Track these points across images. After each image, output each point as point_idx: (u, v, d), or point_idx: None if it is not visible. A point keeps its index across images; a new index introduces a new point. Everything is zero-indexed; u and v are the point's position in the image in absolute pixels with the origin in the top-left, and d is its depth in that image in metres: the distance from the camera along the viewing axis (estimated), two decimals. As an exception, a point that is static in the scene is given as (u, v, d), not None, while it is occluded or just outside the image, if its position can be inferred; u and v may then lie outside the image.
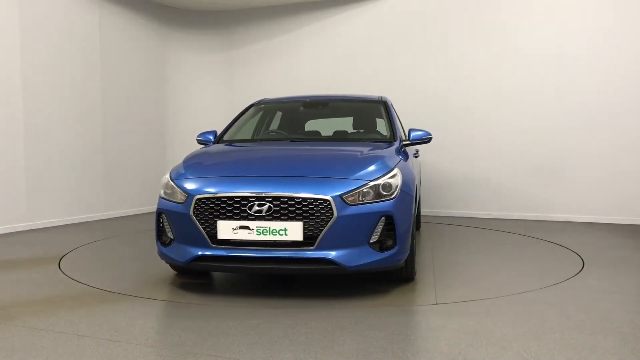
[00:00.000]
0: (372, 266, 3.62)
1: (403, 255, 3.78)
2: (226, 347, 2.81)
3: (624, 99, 7.09)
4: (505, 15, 7.72)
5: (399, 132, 4.76)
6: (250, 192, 3.58)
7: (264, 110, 5.59)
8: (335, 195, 3.54)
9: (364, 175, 3.70)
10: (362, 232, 3.57)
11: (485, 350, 2.73)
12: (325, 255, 3.53)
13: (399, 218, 3.67)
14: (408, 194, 3.85)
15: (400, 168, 3.93)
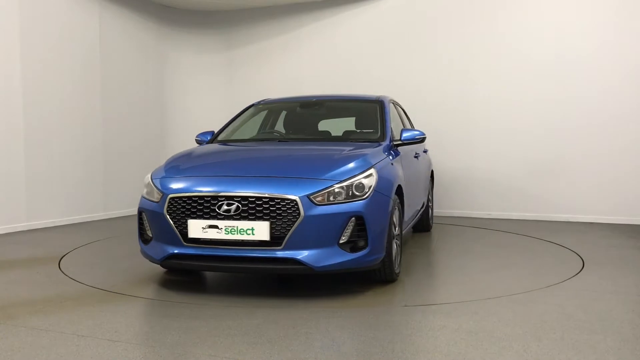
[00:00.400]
0: (341, 267, 3.61)
1: (376, 256, 3.76)
2: (226, 347, 2.81)
3: (624, 100, 7.09)
4: (506, 15, 7.71)
5: (389, 132, 4.68)
6: (218, 192, 3.63)
7: (262, 110, 5.61)
8: (302, 195, 3.54)
9: (334, 175, 3.70)
10: (331, 233, 3.56)
11: (485, 350, 2.73)
12: (293, 255, 3.54)
13: (371, 219, 3.65)
14: (384, 194, 3.84)
15: (379, 168, 3.90)
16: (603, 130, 7.18)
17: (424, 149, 6.29)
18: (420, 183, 5.71)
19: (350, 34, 8.64)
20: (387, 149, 4.42)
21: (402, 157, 4.72)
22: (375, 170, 3.84)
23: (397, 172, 4.27)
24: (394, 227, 4.02)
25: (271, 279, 4.29)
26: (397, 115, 5.65)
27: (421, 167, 5.81)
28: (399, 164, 4.47)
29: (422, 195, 5.88)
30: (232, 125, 5.35)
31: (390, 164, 4.24)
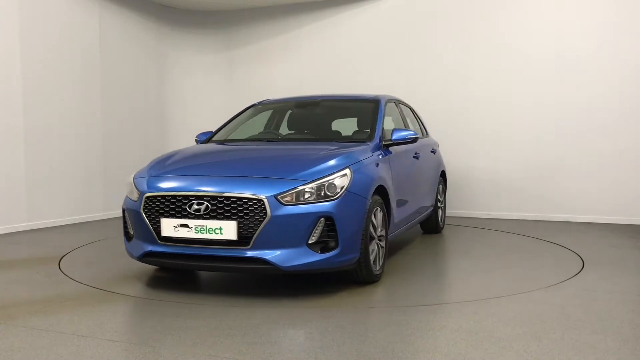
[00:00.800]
0: (311, 267, 3.62)
1: (349, 257, 3.75)
2: (226, 347, 2.81)
3: (624, 100, 7.09)
4: (506, 14, 7.71)
5: (378, 132, 4.63)
6: (187, 191, 3.71)
7: (262, 111, 5.65)
8: (269, 195, 3.56)
9: (305, 175, 3.70)
10: (299, 233, 3.56)
11: (485, 350, 2.73)
12: (260, 255, 3.56)
13: (342, 219, 3.65)
14: (359, 195, 3.81)
15: (355, 169, 3.89)
16: (603, 131, 7.18)
17: (432, 149, 6.20)
18: (423, 183, 5.62)
19: (350, 34, 8.64)
20: (375, 148, 4.42)
21: (394, 157, 4.69)
22: (351, 170, 3.84)
23: (380, 172, 4.22)
24: (373, 228, 4.00)
25: (271, 279, 4.29)
26: (400, 114, 5.61)
27: (424, 168, 5.72)
28: (386, 164, 4.44)
29: (425, 196, 5.75)
30: (229, 126, 5.40)
31: (375, 164, 4.22)
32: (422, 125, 6.48)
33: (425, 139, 6.19)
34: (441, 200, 6.53)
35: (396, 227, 4.68)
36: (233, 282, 4.25)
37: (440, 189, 6.47)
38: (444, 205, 6.70)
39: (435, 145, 6.52)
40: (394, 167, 4.60)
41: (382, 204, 4.20)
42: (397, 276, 4.37)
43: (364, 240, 3.84)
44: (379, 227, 4.11)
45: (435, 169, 6.23)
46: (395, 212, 4.58)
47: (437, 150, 6.53)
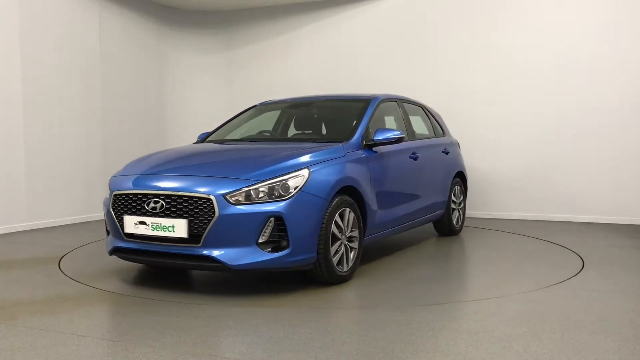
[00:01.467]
0: (260, 266, 3.66)
1: (302, 257, 3.76)
2: (226, 347, 2.81)
3: (625, 100, 7.08)
4: (507, 14, 7.71)
5: (359, 132, 4.57)
6: (146, 190, 3.86)
7: (262, 111, 5.69)
8: (218, 195, 3.63)
9: (257, 175, 3.75)
10: (249, 232, 3.61)
11: (485, 350, 2.73)
12: (210, 253, 3.64)
13: (294, 219, 3.67)
14: (316, 195, 3.81)
15: (316, 169, 3.90)
16: (603, 131, 7.18)
17: (443, 149, 6.04)
18: (426, 184, 5.49)
19: (350, 34, 8.64)
20: (352, 148, 4.40)
21: (378, 157, 4.63)
22: (309, 170, 3.86)
23: (350, 172, 4.17)
24: (338, 228, 3.98)
25: (271, 279, 4.29)
26: (401, 114, 5.51)
27: (429, 168, 5.56)
28: (363, 165, 4.39)
29: (430, 197, 5.60)
30: (227, 126, 5.49)
31: (345, 164, 4.18)
32: (438, 125, 6.35)
33: (435, 138, 6.05)
34: (457, 201, 6.32)
35: (379, 228, 4.62)
36: (233, 282, 4.24)
37: (457, 190, 6.30)
38: (462, 207, 6.50)
39: (451, 145, 6.32)
40: (375, 168, 4.54)
41: (354, 204, 4.17)
42: (382, 277, 4.37)
43: (323, 241, 3.83)
44: (348, 228, 4.10)
45: (446, 169, 6.03)
46: (377, 214, 4.52)
47: (454, 151, 6.35)
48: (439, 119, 6.51)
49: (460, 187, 6.39)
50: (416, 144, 5.39)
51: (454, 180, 6.22)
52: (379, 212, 4.58)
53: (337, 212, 3.96)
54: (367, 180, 4.39)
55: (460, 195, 6.42)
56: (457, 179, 6.30)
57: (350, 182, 4.15)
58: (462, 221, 6.50)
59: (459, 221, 6.38)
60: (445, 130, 6.48)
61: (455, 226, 6.28)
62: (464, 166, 6.58)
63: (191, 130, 8.66)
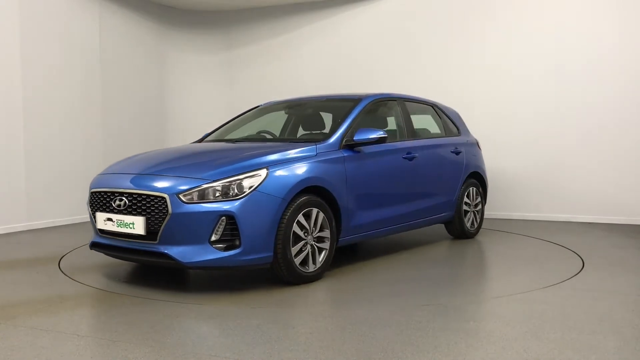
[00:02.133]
0: (213, 264, 3.75)
1: (257, 257, 3.80)
2: (226, 347, 2.81)
3: (625, 100, 7.08)
4: (508, 13, 7.71)
5: (339, 132, 4.56)
6: (112, 188, 4.06)
7: (265, 112, 5.73)
8: (171, 193, 3.74)
9: (211, 174, 3.83)
10: (201, 230, 3.70)
11: (485, 350, 2.73)
12: (164, 249, 3.77)
13: (246, 219, 3.73)
14: (272, 195, 3.85)
15: (276, 169, 3.94)
16: (603, 131, 7.18)
17: (454, 149, 5.84)
18: (421, 185, 5.33)
19: (350, 34, 8.64)
20: (327, 148, 4.40)
21: (359, 158, 4.59)
22: (268, 170, 3.90)
23: (318, 173, 4.17)
24: (301, 228, 4.00)
25: (271, 280, 4.29)
26: (400, 113, 5.43)
27: (430, 168, 5.42)
28: (337, 165, 4.38)
29: (431, 199, 5.45)
30: (227, 125, 5.59)
31: (314, 164, 4.19)
32: (452, 124, 6.20)
33: (443, 138, 5.91)
34: (472, 203, 6.08)
35: (359, 229, 4.58)
36: (233, 282, 4.24)
37: (473, 192, 6.08)
38: (479, 209, 6.23)
39: (465, 145, 6.09)
40: (354, 168, 4.51)
41: (324, 205, 4.18)
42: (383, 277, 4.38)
43: (282, 240, 3.86)
44: (316, 229, 4.12)
45: (456, 169, 5.84)
46: (355, 215, 4.50)
47: (469, 150, 6.11)
48: (454, 117, 6.32)
49: (476, 188, 6.16)
50: (414, 143, 5.31)
51: (468, 181, 6.02)
52: (359, 213, 4.55)
53: (301, 212, 3.99)
54: (343, 181, 4.38)
55: (477, 197, 6.18)
56: (472, 179, 6.09)
57: (318, 182, 4.15)
58: (478, 224, 6.21)
59: (474, 224, 6.13)
60: (461, 130, 6.29)
61: (469, 229, 6.04)
62: (481, 167, 6.30)
63: (191, 130, 8.66)
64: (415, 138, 5.43)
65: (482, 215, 6.29)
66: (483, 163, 6.40)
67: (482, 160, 6.41)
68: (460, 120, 6.46)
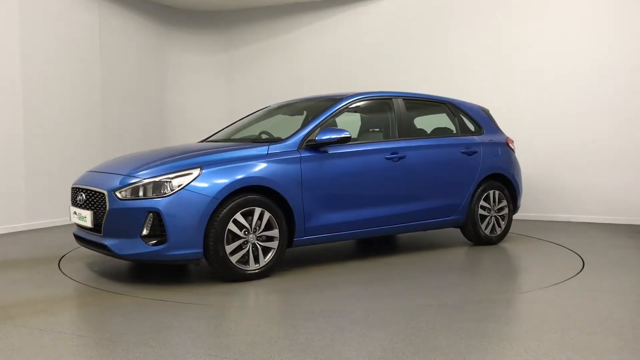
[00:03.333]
0: (144, 257, 4.04)
1: (184, 252, 3.98)
2: (226, 347, 2.81)
3: (625, 100, 7.08)
4: (508, 14, 7.71)
5: (301, 132, 4.59)
6: (76, 184, 4.57)
7: (272, 113, 5.77)
8: (109, 190, 4.09)
9: (145, 173, 4.10)
10: (133, 225, 3.99)
11: (485, 350, 2.73)
12: (104, 241, 4.11)
13: (172, 216, 3.93)
14: (202, 194, 3.99)
15: (210, 169, 4.08)
16: (603, 131, 7.18)
17: (464, 149, 5.48)
18: (413, 186, 5.08)
19: (350, 34, 8.64)
20: (282, 148, 4.44)
21: (323, 158, 4.57)
22: (201, 169, 4.07)
23: (261, 173, 4.24)
24: (239, 227, 4.08)
25: (271, 280, 4.29)
26: (396, 112, 5.24)
27: (422, 168, 5.17)
28: (295, 165, 4.41)
29: (425, 200, 5.20)
30: (237, 124, 5.68)
31: (261, 163, 4.27)
32: (473, 122, 5.82)
33: (449, 137, 5.59)
34: (492, 207, 5.62)
35: (317, 231, 4.55)
36: (233, 282, 4.24)
37: (494, 196, 5.62)
38: (503, 214, 5.72)
39: (484, 145, 5.65)
40: (313, 168, 4.50)
41: (270, 204, 4.23)
42: (384, 277, 4.37)
43: (213, 238, 3.99)
44: (260, 228, 4.18)
45: (467, 170, 5.47)
46: (314, 216, 4.49)
47: (490, 151, 5.67)
48: (475, 115, 5.90)
49: (500, 192, 5.68)
50: (404, 143, 5.10)
51: (486, 183, 5.58)
52: (321, 214, 4.53)
53: (239, 211, 4.08)
54: (296, 181, 4.40)
55: (501, 201, 5.69)
56: (492, 182, 5.64)
57: (261, 182, 4.22)
58: (503, 230, 5.72)
59: (495, 230, 5.65)
60: (485, 128, 5.84)
61: (489, 235, 5.61)
62: (506, 168, 5.78)
63: (191, 129, 8.67)
64: (410, 137, 5.25)
65: (509, 221, 5.79)
66: (512, 165, 5.89)
67: (512, 161, 5.91)
68: (486, 118, 6.00)
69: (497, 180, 5.72)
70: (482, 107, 6.16)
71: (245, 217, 4.11)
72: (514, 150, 6.06)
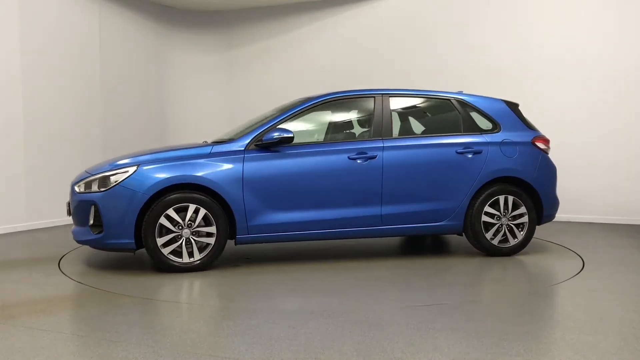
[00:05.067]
0: (89, 244, 4.55)
1: (118, 242, 4.41)
2: (226, 347, 2.81)
3: (625, 100, 7.08)
4: (507, 14, 7.71)
5: (252, 133, 4.71)
6: None
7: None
8: (73, 184, 4.70)
9: (96, 169, 4.64)
10: (84, 215, 4.51)
11: (485, 350, 2.73)
12: (72, 228, 4.74)
13: (105, 208, 4.39)
14: (133, 190, 4.38)
15: (147, 167, 4.45)
16: (603, 131, 7.18)
17: (461, 148, 5.00)
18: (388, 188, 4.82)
19: (350, 34, 8.64)
20: (226, 148, 4.63)
21: (269, 158, 4.63)
22: (137, 167, 4.45)
23: (196, 171, 4.48)
24: (172, 223, 4.38)
25: (271, 280, 4.29)
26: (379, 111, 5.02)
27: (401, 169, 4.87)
28: (237, 164, 4.55)
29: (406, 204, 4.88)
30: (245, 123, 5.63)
31: (199, 162, 4.52)
32: (483, 119, 5.26)
33: (451, 135, 5.11)
34: (503, 215, 5.03)
35: (262, 229, 4.59)
36: (233, 282, 4.24)
37: (505, 201, 5.02)
38: (521, 222, 5.06)
39: (492, 145, 5.08)
40: (256, 168, 4.58)
41: (206, 201, 4.44)
42: (384, 277, 4.37)
43: (144, 230, 4.36)
44: (194, 223, 4.42)
45: (461, 173, 4.99)
46: (257, 215, 4.56)
47: (499, 150, 5.06)
48: (492, 111, 5.29)
49: (514, 197, 5.04)
50: (376, 143, 4.86)
51: (494, 187, 5.02)
52: (266, 213, 4.59)
53: (172, 207, 4.40)
54: (237, 180, 4.54)
55: (517, 208, 5.05)
56: (503, 185, 5.04)
57: (195, 180, 4.46)
58: (521, 240, 5.07)
59: (507, 240, 5.05)
60: (503, 125, 5.23)
61: (498, 245, 5.05)
62: (526, 171, 5.10)
63: (191, 130, 8.67)
64: (391, 137, 4.97)
65: (529, 231, 5.09)
66: (537, 167, 5.18)
67: (536, 163, 5.19)
68: (508, 114, 5.34)
69: (513, 184, 5.11)
70: (509, 101, 5.51)
71: (182, 212, 4.43)
72: (546, 151, 5.34)
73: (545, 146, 5.35)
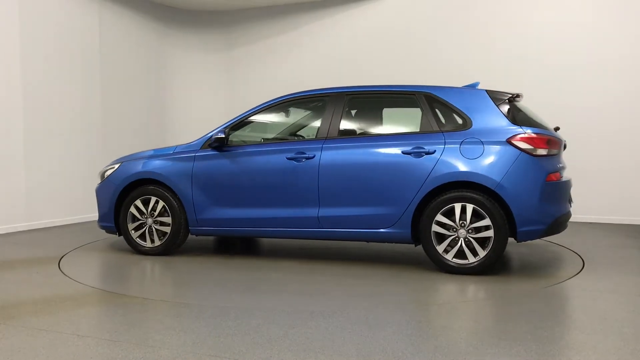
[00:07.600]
0: (98, 225, 5.50)
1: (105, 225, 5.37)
2: (226, 347, 2.81)
3: (625, 100, 7.09)
4: (507, 14, 7.71)
5: (210, 133, 5.10)
6: None
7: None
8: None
9: (109, 164, 5.57)
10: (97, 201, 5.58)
11: (485, 350, 2.73)
12: None
13: (98, 196, 5.45)
14: (112, 182, 5.29)
15: (125, 164, 5.31)
16: (603, 131, 7.18)
17: (408, 150, 4.46)
18: (313, 190, 4.66)
19: (350, 34, 8.64)
20: (187, 147, 5.14)
21: (213, 157, 5.00)
22: (121, 164, 5.36)
23: (153, 168, 5.15)
24: (139, 211, 5.15)
25: (270, 279, 4.29)
26: (335, 111, 4.82)
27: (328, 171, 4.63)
28: (188, 163, 5.05)
29: (330, 207, 4.64)
30: None
31: (159, 160, 5.17)
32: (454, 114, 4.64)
33: (400, 135, 4.67)
34: (460, 226, 4.30)
35: (207, 223, 5.02)
36: (233, 282, 4.25)
37: (464, 210, 4.28)
38: (487, 236, 4.26)
39: (447, 144, 4.41)
40: (203, 166, 5.02)
41: (165, 195, 5.08)
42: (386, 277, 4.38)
43: (121, 217, 5.22)
44: (155, 212, 5.10)
45: (404, 176, 4.46)
46: (204, 209, 5.00)
47: (457, 150, 4.37)
48: (465, 105, 4.57)
49: (474, 206, 4.27)
50: (316, 144, 4.72)
51: (456, 193, 4.33)
52: (211, 208, 5.01)
53: (139, 198, 5.15)
54: (187, 177, 5.05)
55: (479, 219, 4.27)
56: (463, 193, 4.31)
57: (152, 176, 5.13)
58: (482, 258, 4.27)
59: (465, 255, 4.30)
60: (475, 122, 4.48)
61: (453, 262, 4.33)
62: (490, 175, 4.25)
63: (191, 129, 8.65)
64: (343, 136, 4.77)
65: (496, 247, 4.26)
66: (508, 171, 4.27)
67: (508, 167, 4.29)
68: (486, 108, 4.57)
69: (477, 190, 4.32)
70: (499, 93, 4.82)
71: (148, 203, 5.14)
72: (531, 152, 4.38)
73: (532, 146, 4.38)
